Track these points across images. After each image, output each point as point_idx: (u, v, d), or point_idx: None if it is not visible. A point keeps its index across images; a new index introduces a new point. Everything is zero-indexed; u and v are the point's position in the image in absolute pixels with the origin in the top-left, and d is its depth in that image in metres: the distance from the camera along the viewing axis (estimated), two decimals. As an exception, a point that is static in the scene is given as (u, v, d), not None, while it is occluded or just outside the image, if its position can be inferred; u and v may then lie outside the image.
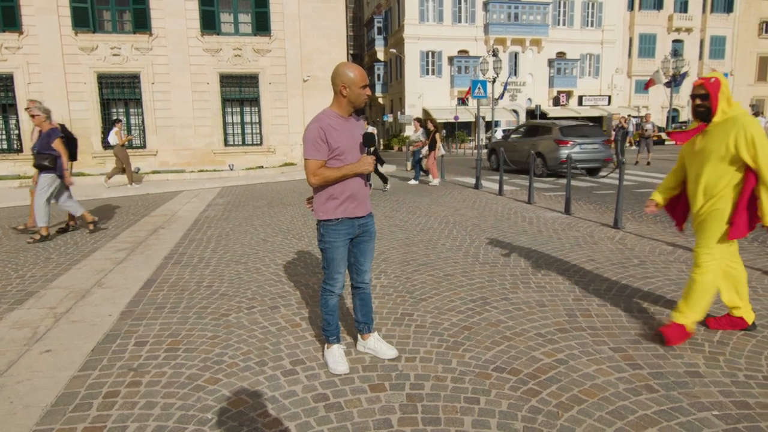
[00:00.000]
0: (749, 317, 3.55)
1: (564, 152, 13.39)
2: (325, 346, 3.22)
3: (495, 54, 30.83)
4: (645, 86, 29.26)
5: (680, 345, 3.34)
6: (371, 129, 17.41)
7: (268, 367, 3.13)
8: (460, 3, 38.20)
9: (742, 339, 3.43)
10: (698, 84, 3.31)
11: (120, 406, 2.72)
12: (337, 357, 3.12)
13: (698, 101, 3.30)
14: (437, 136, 13.23)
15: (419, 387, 2.87)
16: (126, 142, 14.12)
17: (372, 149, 3.03)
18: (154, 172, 16.93)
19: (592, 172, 14.41)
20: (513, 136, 17.02)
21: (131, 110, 18.54)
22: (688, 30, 43.76)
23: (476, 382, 2.92)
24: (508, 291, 4.49)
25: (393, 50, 40.27)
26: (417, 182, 13.52)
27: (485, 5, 38.15)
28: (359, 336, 3.37)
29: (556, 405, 2.66)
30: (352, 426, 2.51)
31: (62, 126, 7.47)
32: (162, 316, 4.04)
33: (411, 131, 14.13)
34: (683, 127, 3.24)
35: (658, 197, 3.76)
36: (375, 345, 3.29)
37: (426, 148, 13.34)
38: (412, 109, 37.59)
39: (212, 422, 2.55)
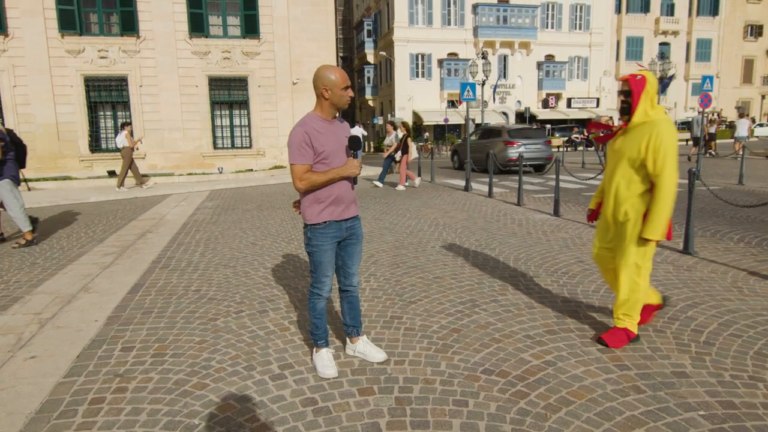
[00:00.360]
0: (658, 298, 3.70)
1: (511, 151, 15.14)
2: (314, 350, 3.20)
3: (484, 57, 31.02)
4: None
5: (667, 346, 3.37)
6: (359, 131, 17.42)
7: (257, 372, 3.11)
8: (449, 6, 38.36)
9: (728, 339, 3.46)
10: (624, 80, 3.27)
11: (106, 413, 2.69)
12: (325, 361, 3.11)
13: (622, 97, 3.27)
14: (409, 140, 13.19)
15: (408, 390, 2.86)
16: (135, 145, 14.19)
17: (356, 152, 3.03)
18: (142, 176, 16.79)
19: (538, 168, 16.09)
20: (471, 138, 17.97)
21: (119, 113, 18.43)
22: (675, 33, 44.27)
23: (465, 384, 2.92)
24: (497, 293, 4.50)
25: (383, 53, 40.34)
26: (381, 184, 13.46)
27: (474, 8, 38.34)
28: (348, 339, 3.36)
29: (544, 407, 2.66)
30: (340, 430, 2.49)
31: (10, 131, 6.92)
32: (149, 321, 4.01)
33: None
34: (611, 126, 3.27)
35: (592, 204, 3.74)
36: (364, 348, 3.28)
37: (399, 152, 13.23)
38: (402, 111, 37.67)
39: (199, 428, 2.53)
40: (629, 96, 3.21)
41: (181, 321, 4.00)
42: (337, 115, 3.05)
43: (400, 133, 13.55)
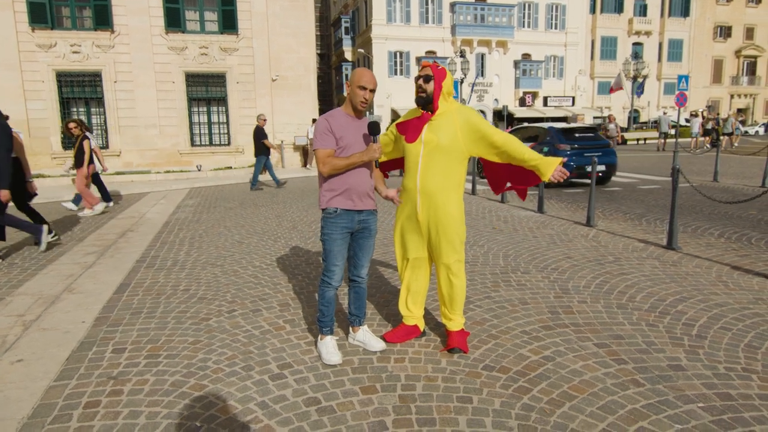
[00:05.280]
0: (422, 325, 3.53)
1: None
2: (319, 337, 3.28)
3: (462, 55, 31.20)
4: (610, 91, 30.24)
5: (661, 339, 3.42)
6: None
7: (255, 372, 3.06)
8: (427, 4, 38.40)
9: (719, 332, 3.53)
10: (426, 65, 3.13)
11: (102, 417, 2.61)
12: (330, 348, 3.19)
13: (421, 81, 3.10)
14: (86, 144, 9.02)
15: (411, 388, 2.85)
16: None
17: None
18: (117, 173, 16.43)
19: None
20: None
21: (92, 109, 17.96)
22: (648, 33, 45.14)
23: (467, 381, 2.91)
24: (490, 289, 4.52)
25: (361, 50, 40.19)
26: (75, 207, 9.61)
27: (452, 6, 38.45)
28: (350, 329, 3.45)
29: (547, 402, 2.68)
30: (347, 429, 2.46)
31: None
32: (139, 322, 3.91)
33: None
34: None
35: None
36: (364, 337, 3.37)
37: (69, 162, 9.63)
38: (381, 109, 37.60)
39: (202, 430, 2.47)
40: (428, 81, 3.07)
41: (173, 321, 3.91)
42: (364, 114, 3.14)
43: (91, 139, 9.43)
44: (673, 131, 24.55)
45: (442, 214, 3.15)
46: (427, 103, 3.13)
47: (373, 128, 3.02)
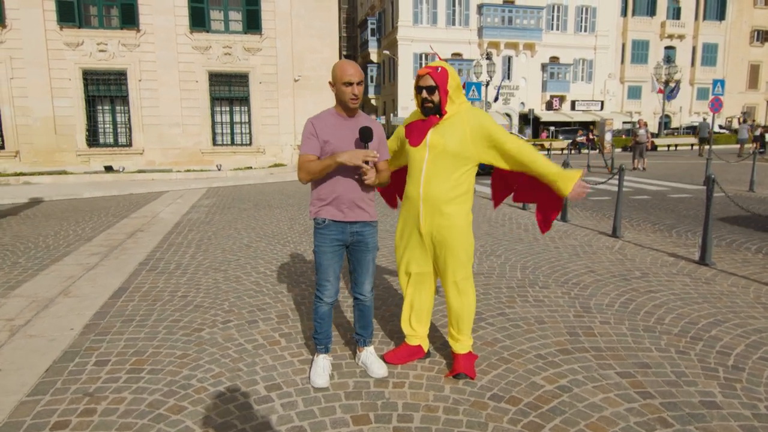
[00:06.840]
0: (426, 345, 3.23)
1: None
2: (315, 354, 3.04)
3: (489, 57, 30.75)
4: (658, 91, 29.89)
5: (693, 370, 3.06)
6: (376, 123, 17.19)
7: (240, 393, 2.81)
8: (454, 6, 38.02)
9: (759, 363, 3.15)
10: (423, 74, 2.79)
11: (68, 440, 2.39)
12: (318, 369, 2.94)
13: (425, 94, 2.78)
14: None
15: (408, 419, 2.56)
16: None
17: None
18: (139, 172, 16.53)
19: None
20: None
21: (117, 108, 18.12)
22: (681, 37, 43.91)
23: (471, 413, 2.62)
24: (505, 305, 4.20)
25: (386, 52, 40.01)
26: None
27: (479, 8, 38.00)
28: (357, 349, 3.17)
29: (561, 442, 2.36)
30: (330, 468, 2.20)
31: None
32: (129, 331, 3.71)
33: None
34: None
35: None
36: (366, 359, 3.08)
37: None
38: (405, 111, 37.34)
39: (171, 462, 2.23)
40: (433, 92, 2.77)
41: (164, 331, 3.70)
42: (360, 112, 2.84)
43: None
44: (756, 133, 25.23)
45: (447, 227, 2.84)
46: (435, 112, 2.84)
47: (365, 134, 2.68)
